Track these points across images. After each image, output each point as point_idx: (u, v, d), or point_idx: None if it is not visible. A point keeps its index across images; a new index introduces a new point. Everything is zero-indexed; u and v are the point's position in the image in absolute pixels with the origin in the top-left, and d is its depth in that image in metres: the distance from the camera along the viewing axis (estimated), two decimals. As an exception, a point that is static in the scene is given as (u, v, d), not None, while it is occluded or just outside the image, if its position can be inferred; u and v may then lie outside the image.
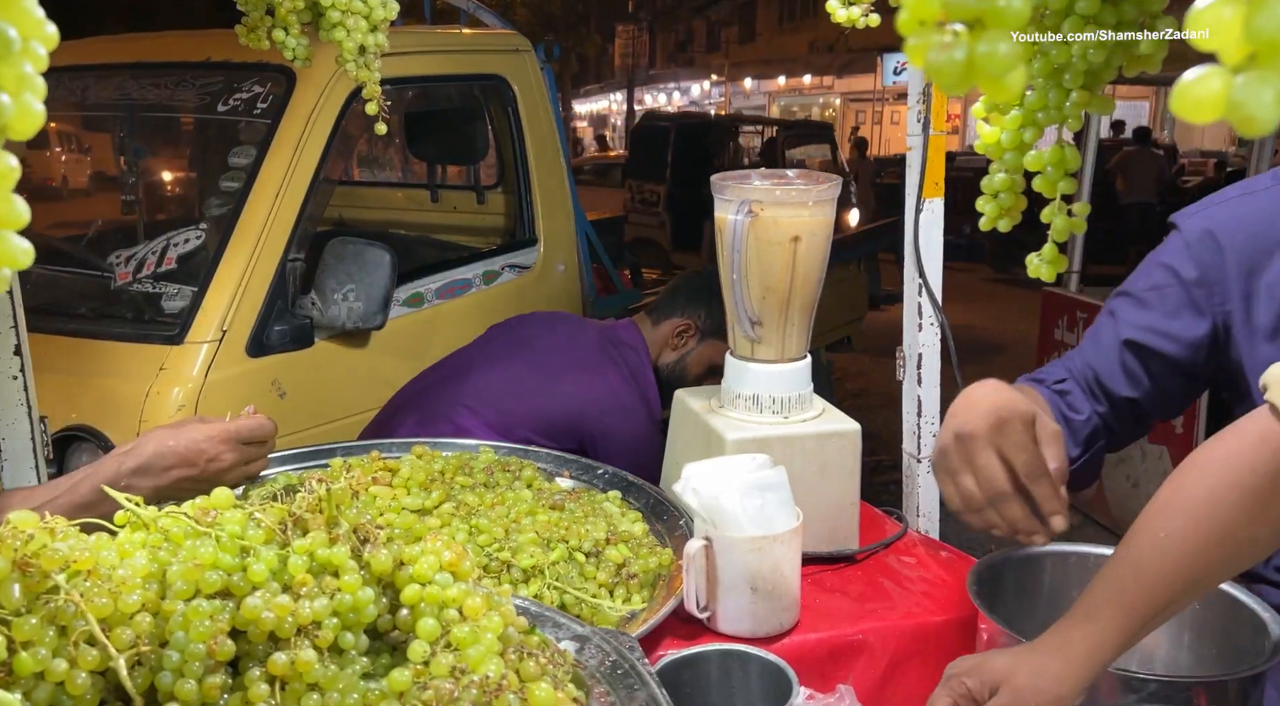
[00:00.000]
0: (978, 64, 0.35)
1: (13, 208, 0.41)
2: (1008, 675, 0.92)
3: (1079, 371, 1.29)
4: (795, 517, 1.21)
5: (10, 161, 0.42)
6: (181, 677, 0.69)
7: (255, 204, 2.27)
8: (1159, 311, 1.22)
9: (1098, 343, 1.28)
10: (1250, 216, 1.16)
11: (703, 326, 2.05)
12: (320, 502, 0.84)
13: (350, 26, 1.36)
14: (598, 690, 0.88)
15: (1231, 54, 0.31)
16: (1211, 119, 0.32)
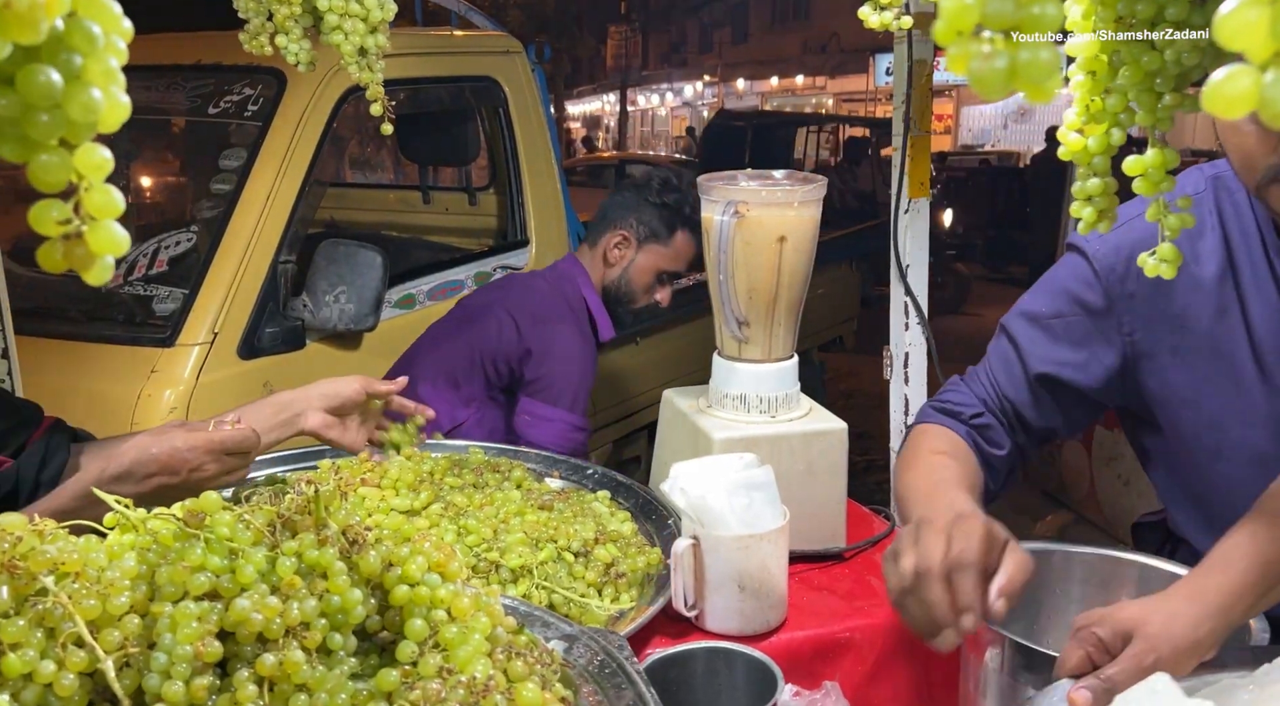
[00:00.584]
0: (1020, 71, 0.36)
1: (110, 198, 0.42)
2: (1140, 622, 0.89)
3: (994, 402, 1.26)
4: (782, 516, 1.22)
5: (105, 153, 0.43)
6: (169, 679, 0.70)
7: (246, 206, 2.27)
8: (1067, 342, 1.20)
9: (1010, 373, 1.25)
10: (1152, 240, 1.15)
11: (636, 234, 2.07)
12: (309, 504, 0.85)
13: (348, 29, 1.37)
14: (586, 689, 0.88)
15: (1258, 53, 0.32)
16: (1243, 114, 0.33)
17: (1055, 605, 1.22)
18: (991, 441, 1.23)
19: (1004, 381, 1.25)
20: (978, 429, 1.24)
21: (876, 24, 1.21)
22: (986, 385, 1.27)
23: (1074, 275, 1.20)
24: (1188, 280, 1.13)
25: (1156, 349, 1.17)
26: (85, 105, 0.41)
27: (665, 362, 3.37)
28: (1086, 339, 1.19)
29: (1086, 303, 1.19)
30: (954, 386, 1.31)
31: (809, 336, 4.35)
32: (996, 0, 0.34)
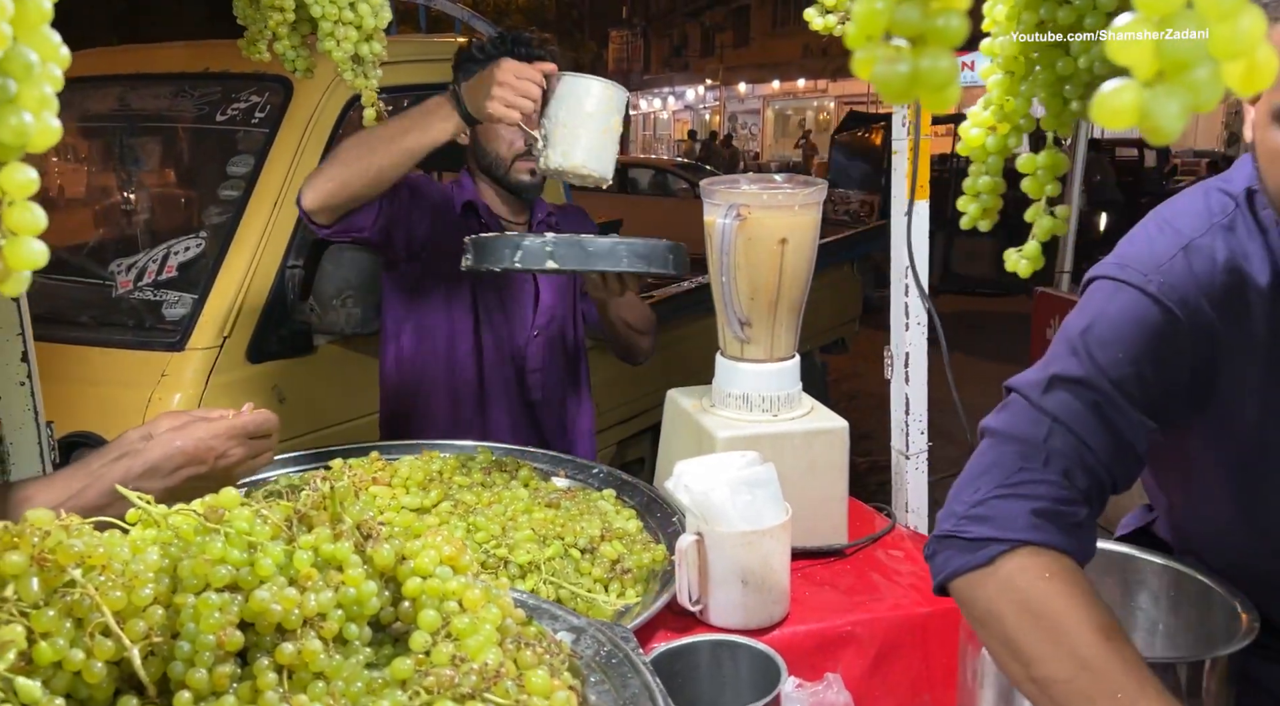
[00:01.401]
0: (921, 77, 0.38)
1: (32, 215, 0.45)
2: None
3: (1091, 475, 1.00)
4: (784, 513, 1.24)
5: (30, 173, 0.45)
6: (193, 667, 0.73)
7: (254, 212, 2.30)
8: (1157, 388, 1.03)
9: (1110, 437, 1.01)
10: (1206, 271, 1.02)
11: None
12: (324, 500, 0.87)
13: (340, 36, 1.39)
14: (593, 678, 0.91)
15: (1143, 70, 0.35)
16: (1126, 126, 0.36)
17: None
18: (1090, 540, 1.01)
19: (1101, 445, 1.00)
20: (1083, 532, 0.98)
21: (820, 27, 1.23)
22: (1074, 457, 1.00)
23: (1145, 317, 1.02)
24: (1258, 302, 1.02)
25: (1235, 377, 1.04)
26: (16, 129, 0.44)
27: (669, 364, 3.39)
28: (1171, 384, 1.03)
29: (1166, 344, 1.02)
30: (1035, 473, 0.99)
31: (812, 338, 4.38)
32: (905, 8, 0.36)
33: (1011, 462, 1.00)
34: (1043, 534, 0.95)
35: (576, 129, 1.55)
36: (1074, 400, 1.01)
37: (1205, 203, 1.06)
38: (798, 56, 24.93)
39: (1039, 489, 0.97)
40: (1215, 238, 1.03)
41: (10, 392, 1.55)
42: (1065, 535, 0.95)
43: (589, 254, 1.45)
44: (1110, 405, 1.01)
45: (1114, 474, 1.01)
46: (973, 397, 1.57)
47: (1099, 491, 1.01)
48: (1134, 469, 1.04)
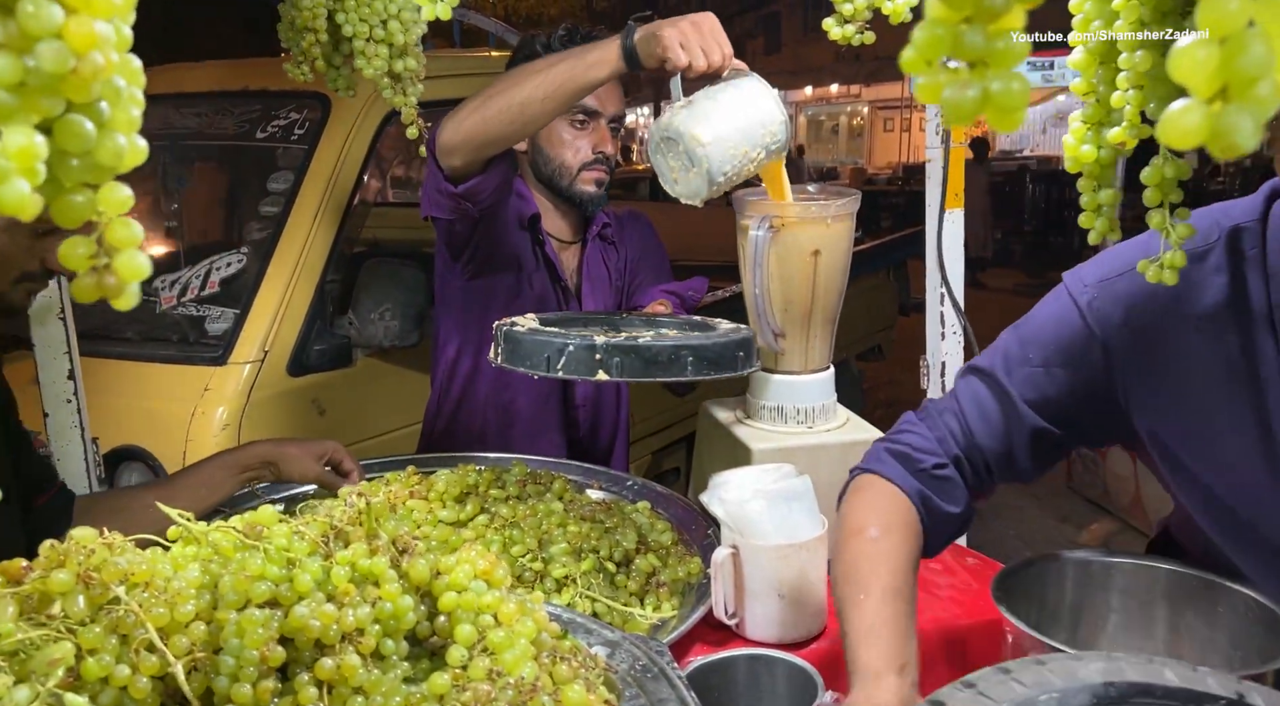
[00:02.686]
0: (993, 100, 0.38)
1: (130, 230, 0.47)
2: None
3: (961, 447, 1.14)
4: (821, 525, 1.23)
5: (125, 191, 0.47)
6: (236, 682, 0.74)
7: (294, 227, 2.34)
8: (1056, 393, 1.11)
9: (988, 421, 1.14)
10: (1153, 292, 1.06)
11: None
12: (360, 516, 0.89)
13: (370, 54, 1.41)
14: (628, 693, 0.91)
15: (1204, 89, 0.35)
16: (1194, 146, 0.36)
17: (1095, 614, 1.22)
18: (946, 497, 1.13)
19: (980, 429, 1.14)
20: (934, 481, 1.13)
21: (839, 37, 1.22)
22: (956, 430, 1.15)
23: (1069, 322, 1.11)
24: (1190, 334, 1.05)
25: (1152, 405, 1.09)
26: (113, 151, 0.45)
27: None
28: (1082, 391, 1.11)
29: (1080, 353, 1.10)
30: (910, 425, 1.18)
31: (848, 345, 4.35)
32: (970, 33, 0.36)
33: (908, 421, 1.19)
34: (885, 466, 1.14)
35: (725, 123, 1.34)
36: (971, 388, 1.16)
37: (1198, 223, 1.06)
38: (830, 62, 24.84)
39: (905, 437, 1.16)
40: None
41: (57, 409, 1.59)
42: (903, 469, 1.13)
43: (647, 362, 1.29)
44: (1002, 399, 1.13)
45: (990, 459, 1.14)
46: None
47: (972, 467, 1.15)
48: (1021, 459, 1.14)
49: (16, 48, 0.40)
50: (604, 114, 1.79)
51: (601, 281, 1.95)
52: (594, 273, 1.94)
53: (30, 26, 0.40)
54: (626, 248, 1.99)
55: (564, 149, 1.81)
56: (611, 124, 1.82)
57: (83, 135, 0.44)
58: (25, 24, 0.40)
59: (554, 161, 1.83)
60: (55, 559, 0.73)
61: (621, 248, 1.99)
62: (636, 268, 1.99)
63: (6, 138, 0.40)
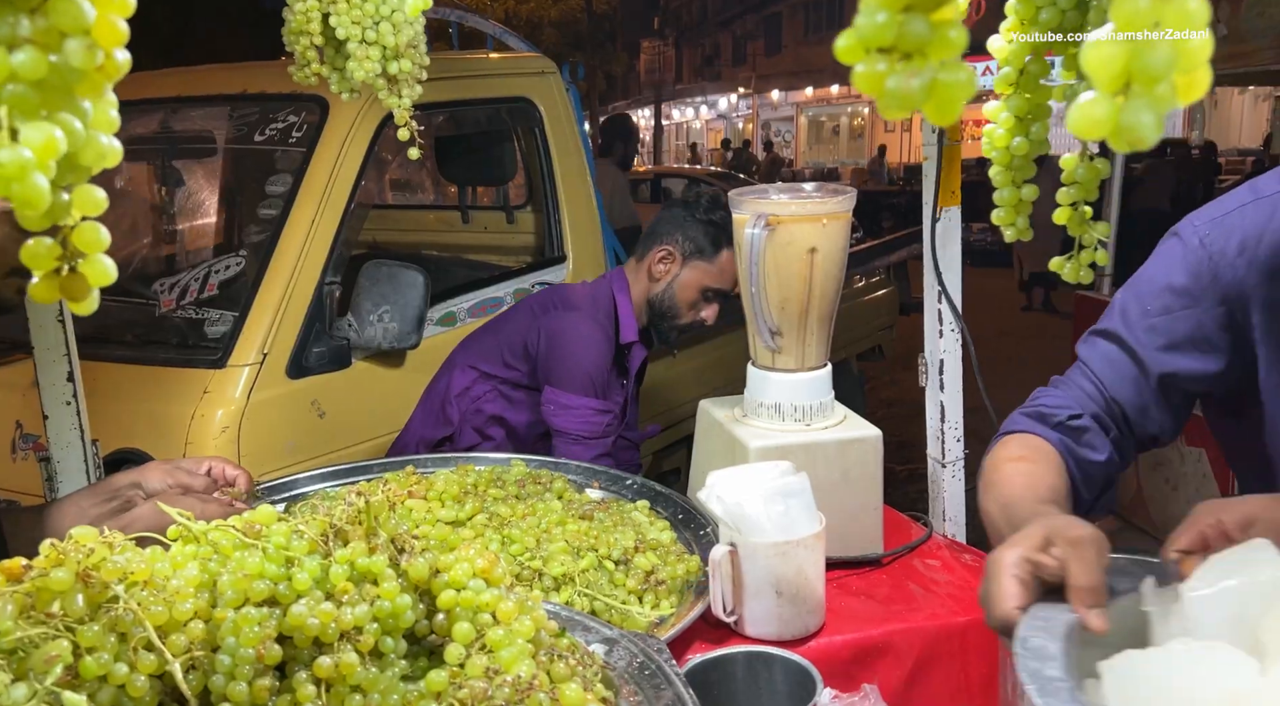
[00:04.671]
0: (940, 89, 0.38)
1: (98, 233, 0.47)
2: (1264, 511, 0.87)
3: (1098, 404, 1.16)
4: (818, 522, 1.24)
5: (100, 193, 0.47)
6: (233, 680, 0.74)
7: (292, 230, 2.34)
8: (1184, 339, 1.12)
9: (1120, 374, 1.15)
10: (1266, 223, 1.08)
11: (682, 249, 2.08)
12: (359, 514, 0.89)
13: (362, 56, 1.41)
14: (626, 690, 0.91)
15: (1109, 83, 0.36)
16: (1099, 137, 0.36)
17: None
18: (1087, 445, 1.13)
19: (1112, 382, 1.15)
20: (1072, 432, 1.13)
21: None
22: (1088, 387, 1.16)
23: (1181, 266, 1.11)
24: None
25: (1270, 336, 1.09)
26: (97, 151, 0.45)
27: (704, 373, 3.39)
28: (1201, 331, 1.11)
29: (1197, 293, 1.10)
30: (1043, 392, 1.20)
31: (848, 345, 4.35)
32: (914, 22, 0.36)
33: (1040, 391, 1.21)
34: (1021, 424, 1.17)
35: None
36: (1097, 349, 1.18)
37: None
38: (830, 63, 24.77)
39: (1039, 401, 1.18)
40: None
41: (57, 411, 1.59)
42: (1042, 425, 1.14)
43: None
44: (1128, 352, 1.14)
45: (1128, 411, 1.15)
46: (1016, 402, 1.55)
47: (1114, 423, 1.16)
48: (1156, 412, 1.15)
49: (44, 43, 0.40)
50: (728, 293, 2.05)
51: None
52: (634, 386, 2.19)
53: (63, 22, 0.40)
54: None
55: (686, 308, 2.09)
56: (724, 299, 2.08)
57: (75, 134, 0.44)
58: (58, 19, 0.40)
59: (673, 308, 2.10)
60: (55, 558, 0.73)
61: None
62: None
63: (28, 133, 0.40)
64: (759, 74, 30.37)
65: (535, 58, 3.35)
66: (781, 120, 32.42)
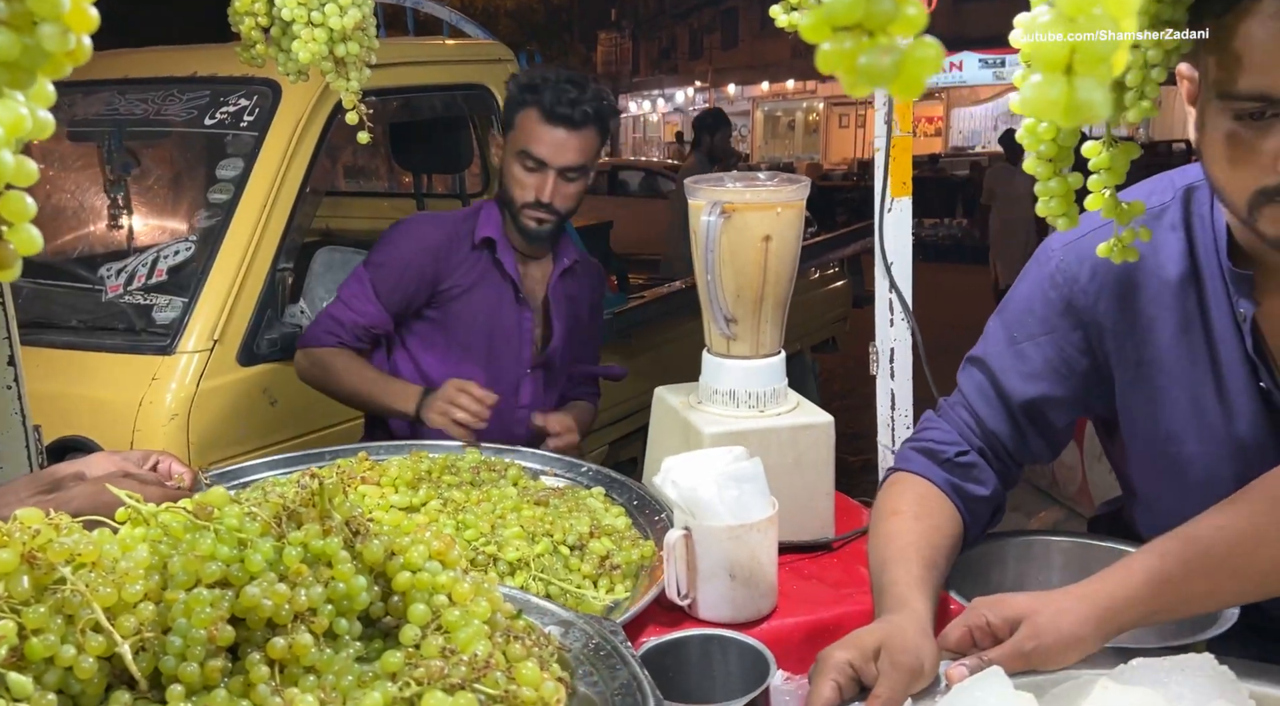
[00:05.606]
0: (909, 66, 0.39)
1: (24, 202, 0.47)
2: (1030, 612, 0.93)
3: (976, 436, 1.20)
4: (771, 507, 1.25)
5: (31, 165, 0.47)
6: (184, 661, 0.73)
7: (243, 215, 2.30)
8: (1042, 364, 1.16)
9: (989, 404, 1.19)
10: None
11: (502, 132, 2.00)
12: (313, 497, 0.88)
13: (307, 38, 1.39)
14: (582, 670, 0.92)
15: (1050, 64, 0.37)
16: (1053, 116, 0.38)
17: (1031, 584, 1.26)
18: (974, 480, 1.18)
19: (985, 415, 1.20)
20: (959, 469, 1.18)
21: (785, 24, 1.23)
22: (969, 421, 1.21)
23: (1040, 291, 1.16)
24: (1153, 291, 1.10)
25: (1122, 361, 1.14)
26: (40, 123, 0.46)
27: (660, 364, 3.41)
28: (1060, 356, 1.15)
29: (1054, 319, 1.15)
30: (930, 422, 1.25)
31: (802, 337, 4.39)
32: (882, 1, 0.38)
33: (927, 418, 1.27)
34: (913, 463, 1.20)
35: None
36: (971, 378, 1.22)
37: (1150, 189, 1.13)
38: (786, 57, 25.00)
39: (927, 434, 1.23)
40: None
41: (-1, 397, 1.56)
42: (931, 463, 1.19)
43: None
44: (994, 382, 1.19)
45: (1006, 443, 1.20)
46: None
47: (995, 455, 1.21)
48: (1031, 438, 1.20)
49: (17, 26, 0.41)
50: (552, 165, 1.88)
51: (573, 314, 2.08)
52: (563, 303, 2.06)
53: (39, 8, 0.41)
54: (582, 300, 2.12)
55: (513, 185, 1.93)
56: (568, 174, 1.90)
57: (14, 105, 0.44)
58: (35, 5, 0.41)
59: (506, 192, 1.95)
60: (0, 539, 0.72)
61: (581, 295, 2.11)
62: (586, 326, 2.14)
63: None
64: (715, 68, 30.46)
65: (492, 45, 3.33)
66: (738, 114, 32.55)
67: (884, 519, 1.15)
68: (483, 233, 1.96)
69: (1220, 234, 1.07)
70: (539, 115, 1.86)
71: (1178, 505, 1.18)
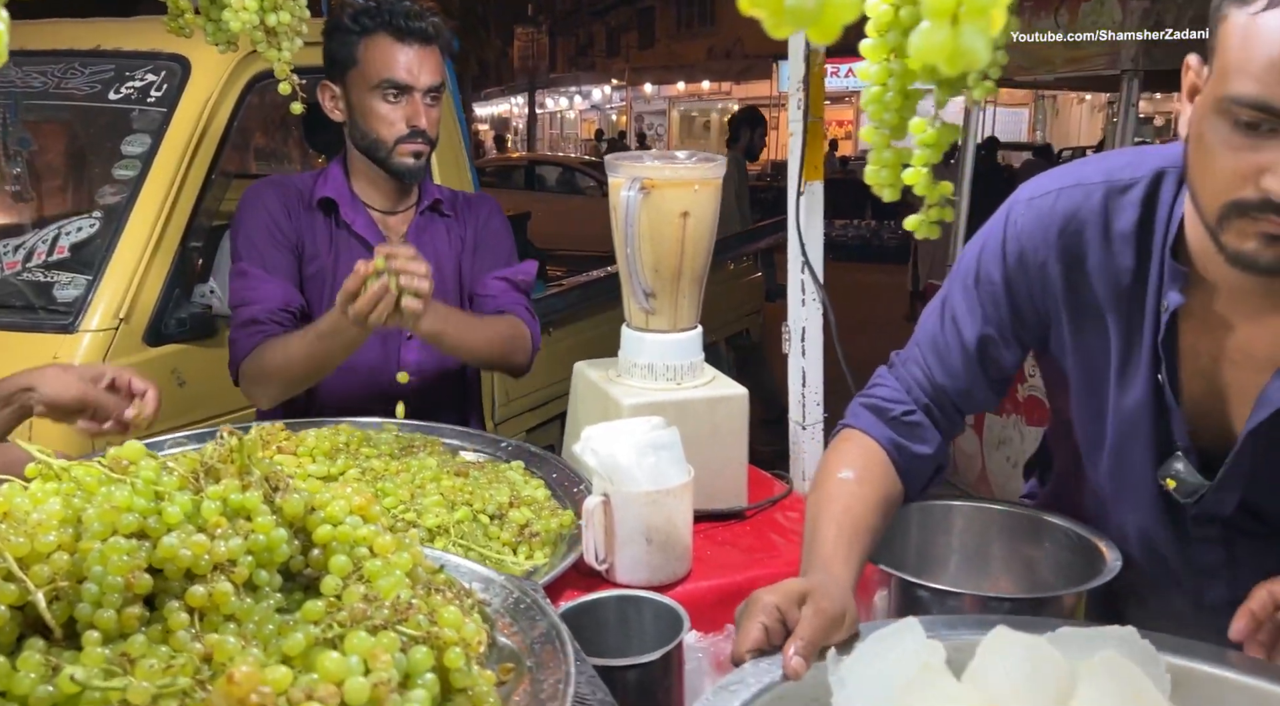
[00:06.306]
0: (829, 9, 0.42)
1: None
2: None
3: (926, 391, 1.24)
4: (687, 474, 1.29)
5: None
6: (100, 608, 0.72)
7: (151, 192, 2.25)
8: (993, 309, 1.20)
9: (945, 357, 1.23)
10: (1069, 209, 1.14)
11: (332, 77, 1.85)
12: (231, 453, 0.88)
13: (238, 6, 1.38)
14: (502, 622, 0.94)
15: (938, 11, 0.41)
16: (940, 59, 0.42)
17: (936, 550, 1.32)
18: (918, 440, 1.22)
19: (939, 367, 1.23)
20: (904, 427, 1.22)
21: None
22: (918, 374, 1.24)
23: (999, 241, 1.19)
24: (1099, 258, 1.12)
25: (1060, 316, 1.17)
26: None
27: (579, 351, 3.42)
28: (1011, 301, 1.19)
29: (1010, 267, 1.17)
30: (881, 378, 1.28)
31: (718, 329, 4.46)
32: None
33: (879, 375, 1.29)
34: (861, 419, 1.24)
35: None
36: (926, 328, 1.25)
37: (1128, 160, 1.15)
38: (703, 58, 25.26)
39: (876, 391, 1.26)
40: (1099, 191, 1.12)
41: (-110, 368, 1.49)
42: (878, 421, 1.22)
43: None
44: (952, 332, 1.22)
45: (954, 396, 1.23)
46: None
47: (941, 410, 1.24)
48: (978, 391, 1.23)
49: None
50: (417, 87, 1.79)
51: (436, 256, 1.90)
52: (425, 245, 1.89)
53: None
54: (467, 228, 1.97)
55: (378, 123, 1.80)
56: (429, 96, 1.81)
57: None
58: None
59: (370, 135, 1.82)
60: (-95, 488, 0.71)
61: (461, 227, 1.97)
62: (476, 251, 1.96)
63: None
64: (633, 66, 30.55)
65: (409, 30, 3.30)
66: (654, 113, 32.72)
67: (827, 478, 1.18)
68: (321, 193, 1.84)
69: (1174, 224, 1.08)
70: (390, 37, 1.75)
71: (1071, 466, 1.25)
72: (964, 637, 0.95)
